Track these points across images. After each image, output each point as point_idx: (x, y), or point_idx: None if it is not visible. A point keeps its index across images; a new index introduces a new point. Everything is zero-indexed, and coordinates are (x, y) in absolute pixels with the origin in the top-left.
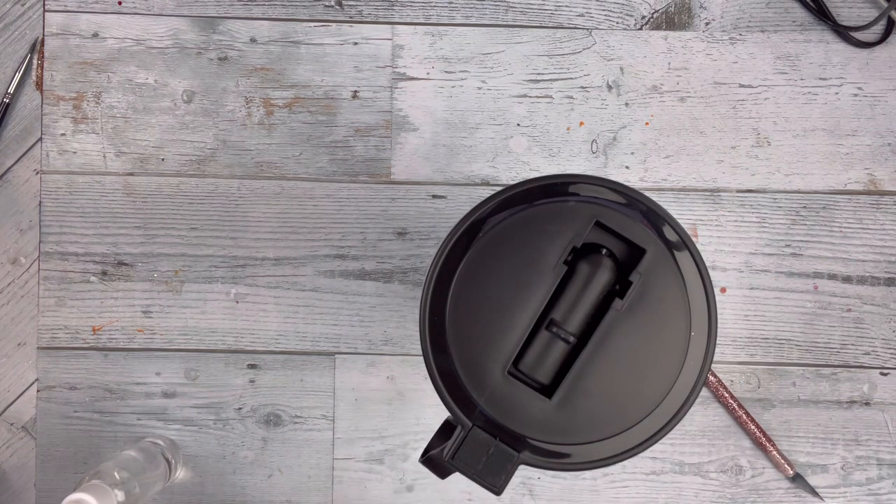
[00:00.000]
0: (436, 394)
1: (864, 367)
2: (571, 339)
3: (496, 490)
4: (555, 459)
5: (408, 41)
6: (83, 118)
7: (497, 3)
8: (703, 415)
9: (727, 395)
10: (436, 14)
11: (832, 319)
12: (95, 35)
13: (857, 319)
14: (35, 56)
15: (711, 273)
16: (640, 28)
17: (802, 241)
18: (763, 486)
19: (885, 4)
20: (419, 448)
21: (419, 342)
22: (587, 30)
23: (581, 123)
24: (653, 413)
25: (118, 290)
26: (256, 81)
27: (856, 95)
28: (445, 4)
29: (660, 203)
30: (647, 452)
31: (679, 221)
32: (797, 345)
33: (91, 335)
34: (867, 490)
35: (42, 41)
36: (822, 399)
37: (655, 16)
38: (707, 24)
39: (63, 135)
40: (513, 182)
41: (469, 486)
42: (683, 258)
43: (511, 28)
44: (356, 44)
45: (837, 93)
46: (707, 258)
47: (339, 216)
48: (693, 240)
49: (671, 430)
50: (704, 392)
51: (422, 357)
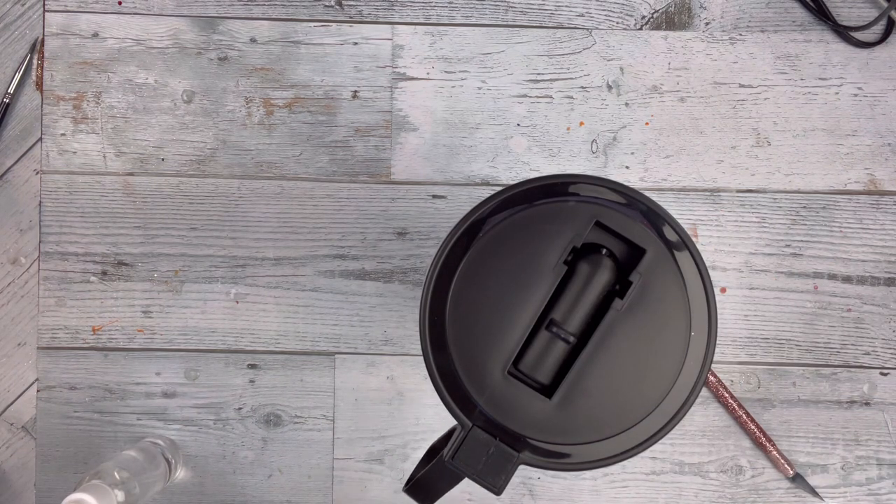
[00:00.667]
0: (436, 394)
1: (864, 367)
2: (571, 339)
3: (496, 490)
4: (555, 459)
5: (408, 41)
6: (83, 118)
7: (497, 3)
8: (703, 415)
9: (727, 395)
10: (436, 14)
11: (832, 319)
12: (95, 35)
13: (857, 319)
14: (35, 56)
15: (711, 273)
16: (640, 28)
17: (802, 241)
18: (763, 486)
19: (885, 4)
20: (419, 448)
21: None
22: (587, 30)
23: (581, 123)
24: (653, 413)
25: (118, 290)
26: (256, 81)
27: (856, 95)
28: (445, 4)
29: (660, 203)
30: (647, 452)
31: (679, 221)
32: (797, 345)
33: (91, 335)
34: (867, 490)
35: (42, 41)
36: (822, 399)
37: (655, 16)
38: (707, 24)
39: (63, 135)
40: (513, 182)
41: (469, 486)
42: (683, 258)
43: (511, 28)
44: (356, 44)
45: (837, 93)
46: (707, 258)
47: (339, 216)
48: (693, 240)
49: (671, 430)
50: (704, 392)
51: (422, 357)
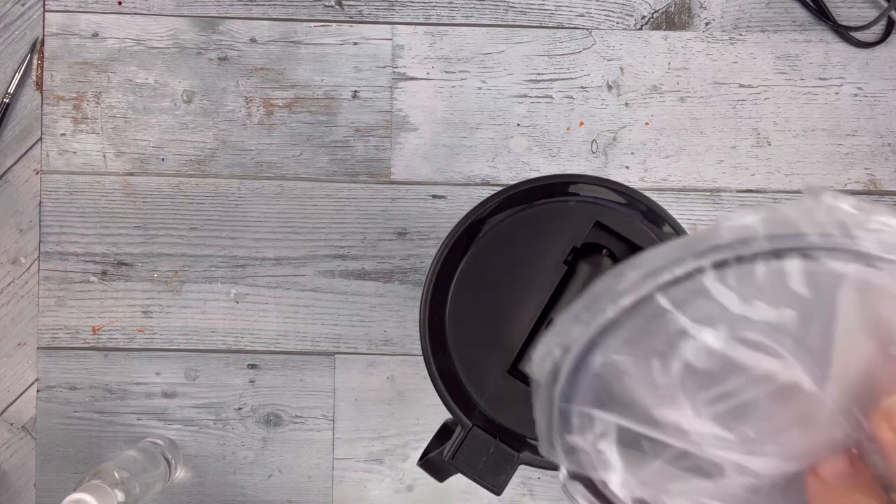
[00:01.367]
0: (436, 394)
1: None
2: None
3: (496, 490)
4: None
5: (408, 41)
6: (83, 118)
7: (497, 3)
8: None
9: None
10: (436, 14)
11: None
12: (95, 35)
13: None
14: (35, 56)
15: None
16: (640, 28)
17: None
18: None
19: (885, 4)
20: (419, 448)
21: (419, 342)
22: (587, 30)
23: (581, 123)
24: None
25: (118, 290)
26: (256, 81)
27: (856, 95)
28: (445, 4)
29: (660, 203)
30: None
31: (679, 221)
32: None
33: (91, 335)
34: None
35: (42, 41)
36: None
37: (655, 16)
38: (707, 24)
39: (63, 135)
40: (513, 182)
41: (469, 486)
42: None
43: (511, 28)
44: (356, 44)
45: (837, 93)
46: None
47: (339, 216)
48: None
49: None
50: None
51: (422, 357)
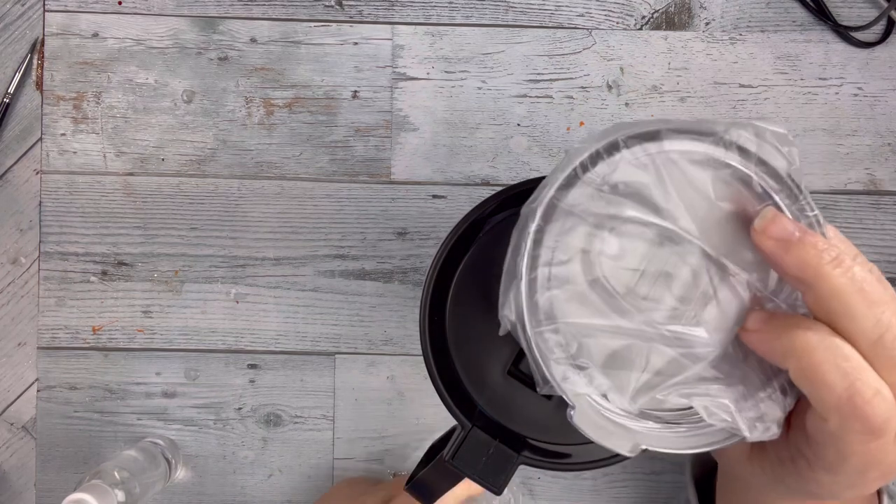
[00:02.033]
0: (436, 394)
1: None
2: None
3: (496, 490)
4: (555, 459)
5: (408, 41)
6: (83, 118)
7: (497, 3)
8: None
9: None
10: (436, 14)
11: None
12: (95, 35)
13: None
14: (35, 56)
15: None
16: (640, 28)
17: None
18: None
19: (885, 4)
20: (419, 448)
21: (419, 342)
22: (587, 30)
23: (581, 123)
24: None
25: (118, 290)
26: (256, 81)
27: (856, 95)
28: (445, 4)
29: None
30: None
31: None
32: None
33: (91, 335)
34: None
35: (42, 41)
36: None
37: (655, 16)
38: (707, 24)
39: (63, 135)
40: (513, 182)
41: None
42: None
43: (511, 28)
44: (356, 44)
45: (837, 93)
46: None
47: (339, 216)
48: None
49: None
50: None
51: (422, 357)
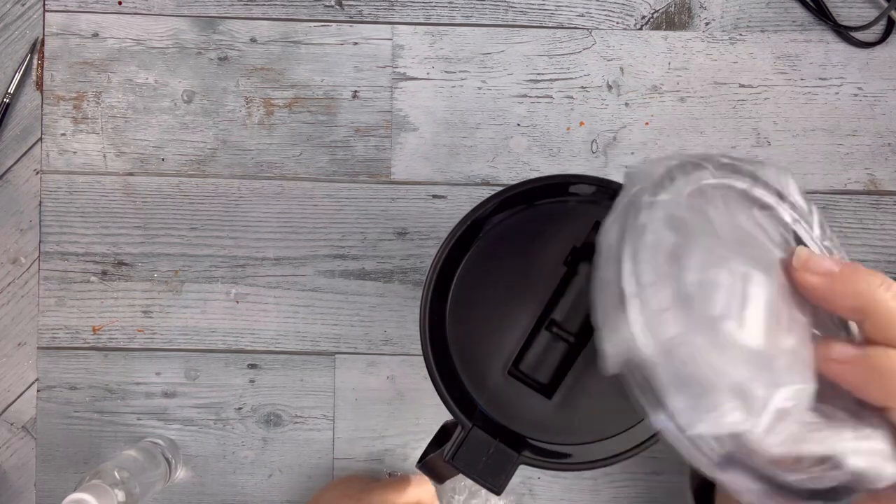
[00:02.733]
0: (436, 394)
1: None
2: (572, 340)
3: (496, 490)
4: (555, 459)
5: (408, 41)
6: (83, 118)
7: (497, 3)
8: None
9: None
10: (436, 14)
11: None
12: (95, 35)
13: None
14: (35, 56)
15: None
16: (640, 28)
17: None
18: None
19: (885, 4)
20: (419, 448)
21: (419, 342)
22: (587, 30)
23: (581, 123)
24: None
25: (118, 290)
26: (256, 81)
27: (856, 95)
28: (445, 4)
29: None
30: (647, 452)
31: None
32: None
33: (91, 335)
34: None
35: (42, 41)
36: None
37: (655, 16)
38: (707, 24)
39: (63, 135)
40: (513, 182)
41: (471, 487)
42: None
43: (511, 28)
44: (356, 44)
45: (837, 93)
46: None
47: (339, 216)
48: None
49: None
50: None
51: (422, 357)
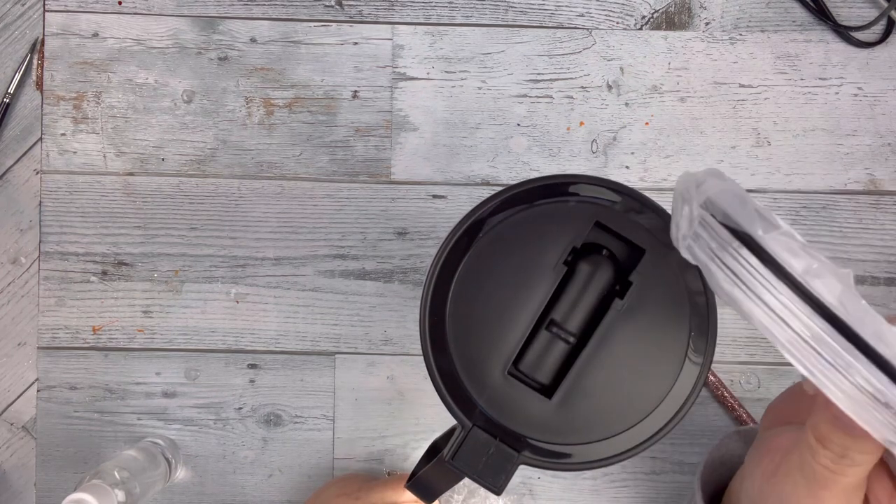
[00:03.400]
0: (436, 394)
1: None
2: (571, 340)
3: (496, 490)
4: (555, 459)
5: (408, 41)
6: (83, 118)
7: (497, 3)
8: (703, 415)
9: (727, 395)
10: (436, 14)
11: None
12: (95, 35)
13: None
14: (35, 56)
15: None
16: (640, 28)
17: None
18: None
19: (885, 4)
20: (419, 448)
21: (419, 342)
22: (587, 30)
23: (581, 123)
24: (653, 413)
25: (118, 290)
26: (256, 81)
27: (856, 95)
28: (445, 4)
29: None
30: (647, 452)
31: None
32: None
33: (91, 335)
34: None
35: (42, 41)
36: None
37: (655, 16)
38: (707, 24)
39: (63, 135)
40: (513, 182)
41: (469, 486)
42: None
43: (511, 28)
44: (356, 44)
45: (837, 93)
46: None
47: (339, 216)
48: None
49: (671, 431)
50: (704, 392)
51: (422, 357)
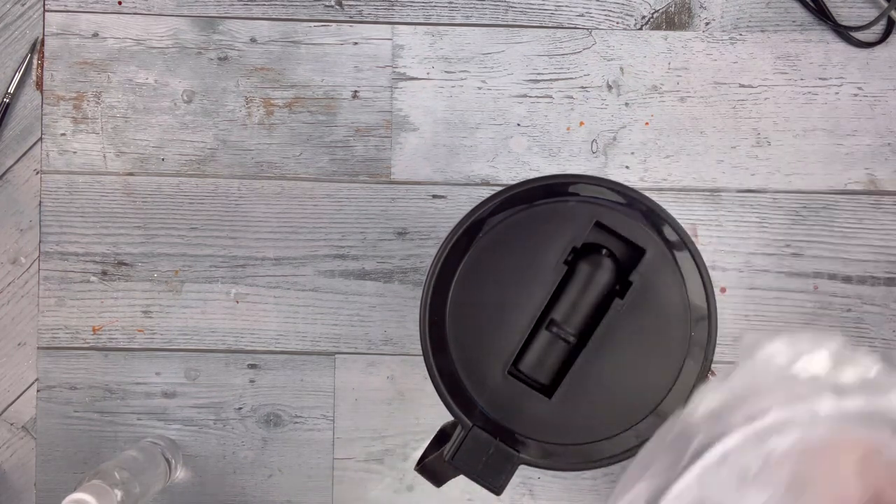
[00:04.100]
0: (436, 394)
1: None
2: (571, 339)
3: (496, 490)
4: (555, 459)
5: (408, 41)
6: (83, 118)
7: (497, 3)
8: None
9: None
10: (436, 14)
11: (832, 319)
12: (95, 35)
13: (857, 319)
14: (35, 56)
15: (711, 273)
16: (640, 28)
17: (803, 241)
18: None
19: (885, 4)
20: (419, 448)
21: (419, 342)
22: (587, 30)
23: (581, 123)
24: (653, 413)
25: (118, 290)
26: (256, 81)
27: (856, 95)
28: (445, 4)
29: (660, 203)
30: None
31: (679, 221)
32: None
33: (91, 335)
34: None
35: (42, 41)
36: None
37: (655, 16)
38: (707, 24)
39: (63, 135)
40: (513, 182)
41: (469, 487)
42: (683, 258)
43: (511, 28)
44: (356, 44)
45: (837, 93)
46: (707, 258)
47: (339, 216)
48: (693, 240)
49: None
50: None
51: (422, 357)
